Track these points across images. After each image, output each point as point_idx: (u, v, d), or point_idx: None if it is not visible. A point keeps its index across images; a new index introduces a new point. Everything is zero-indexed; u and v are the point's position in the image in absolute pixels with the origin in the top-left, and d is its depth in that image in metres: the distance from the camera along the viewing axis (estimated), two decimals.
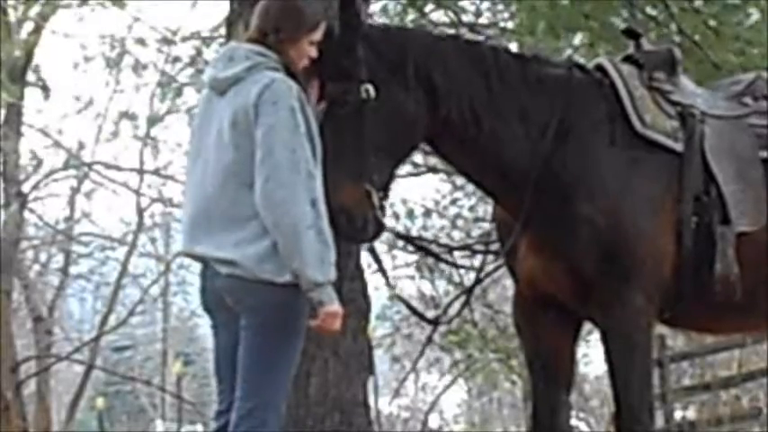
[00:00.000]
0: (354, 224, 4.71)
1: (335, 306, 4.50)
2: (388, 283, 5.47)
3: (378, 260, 5.23)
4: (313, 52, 4.68)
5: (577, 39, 9.93)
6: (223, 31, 8.74)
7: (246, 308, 4.53)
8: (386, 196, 4.83)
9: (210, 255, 4.59)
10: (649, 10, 9.35)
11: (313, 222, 4.42)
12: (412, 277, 16.69)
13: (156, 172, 19.81)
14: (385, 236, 5.39)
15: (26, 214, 18.86)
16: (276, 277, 4.46)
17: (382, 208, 4.77)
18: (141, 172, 20.18)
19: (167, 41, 15.47)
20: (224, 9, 7.40)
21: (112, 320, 22.26)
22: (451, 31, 9.13)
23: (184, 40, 15.19)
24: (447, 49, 4.98)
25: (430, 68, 4.87)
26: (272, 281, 4.47)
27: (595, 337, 5.76)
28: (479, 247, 5.72)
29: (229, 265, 4.53)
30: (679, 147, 5.10)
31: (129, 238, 21.80)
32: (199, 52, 14.71)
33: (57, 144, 19.26)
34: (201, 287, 4.72)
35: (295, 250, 4.41)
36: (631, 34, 5.40)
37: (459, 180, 14.65)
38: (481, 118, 4.94)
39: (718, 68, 8.51)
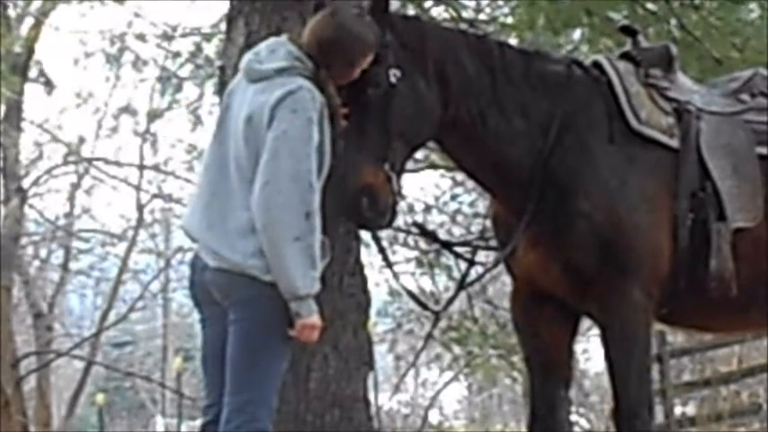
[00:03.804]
0: (378, 207, 4.69)
1: (313, 319, 4.47)
2: (391, 269, 5.46)
3: (382, 249, 5.22)
4: (357, 74, 4.67)
5: (577, 34, 9.92)
6: (223, 27, 8.74)
7: (234, 302, 4.52)
8: (400, 184, 4.84)
9: (206, 242, 4.59)
10: (650, 5, 9.34)
11: (303, 234, 4.40)
12: (412, 273, 16.68)
13: (156, 168, 19.82)
14: (385, 232, 5.39)
15: (26, 210, 18.86)
16: (262, 275, 4.46)
17: (400, 194, 4.79)
18: (141, 168, 20.19)
19: (167, 37, 15.47)
20: (224, 5, 7.40)
21: (112, 316, 22.27)
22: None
23: (184, 35, 15.19)
24: (459, 44, 5.00)
25: (444, 63, 4.90)
26: (258, 277, 4.46)
27: (595, 332, 5.77)
28: (482, 243, 5.72)
29: (217, 257, 4.53)
30: (675, 143, 5.11)
31: (130, 233, 21.82)
32: (199, 48, 14.71)
33: (56, 139, 19.27)
34: (191, 280, 4.72)
35: (279, 258, 4.40)
36: (629, 31, 5.41)
37: (459, 176, 14.66)
38: (486, 116, 4.96)
39: (720, 64, 8.50)
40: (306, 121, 4.45)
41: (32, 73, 17.38)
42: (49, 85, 17.62)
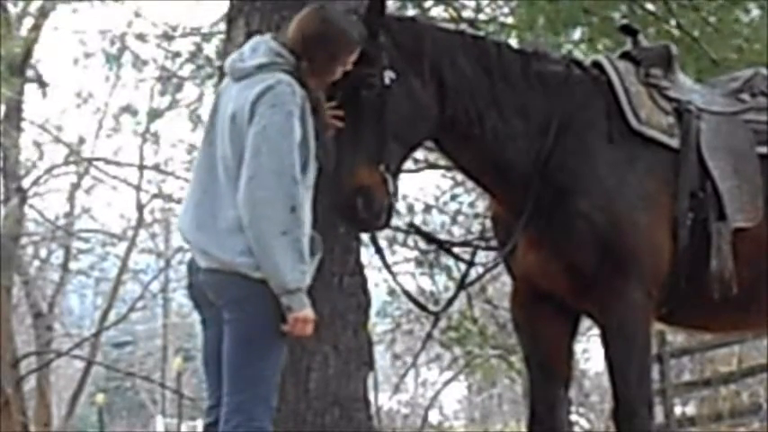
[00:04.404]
0: (372, 208, 4.71)
1: (305, 312, 4.49)
2: (389, 271, 5.45)
3: (379, 249, 5.22)
4: (342, 72, 4.68)
5: (577, 34, 9.92)
6: (223, 26, 8.74)
7: (227, 302, 4.54)
8: (396, 185, 4.84)
9: (196, 242, 4.61)
10: (649, 5, 9.35)
11: (289, 228, 4.42)
12: (412, 273, 16.69)
13: (157, 168, 19.82)
14: (384, 232, 5.39)
15: (26, 210, 18.86)
16: (252, 272, 4.47)
17: (396, 195, 4.79)
18: (141, 168, 20.19)
19: (167, 37, 15.46)
20: (224, 5, 7.40)
21: (112, 316, 22.26)
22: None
23: (184, 35, 15.19)
24: (455, 44, 5.00)
25: (441, 64, 4.91)
26: (248, 275, 4.47)
27: (595, 332, 5.77)
28: (479, 243, 5.72)
29: (208, 257, 4.55)
30: (675, 143, 5.11)
31: (129, 233, 21.82)
32: (199, 48, 14.70)
33: (57, 139, 19.27)
34: (188, 282, 4.74)
35: (267, 254, 4.42)
36: (629, 31, 5.41)
37: (460, 176, 14.64)
38: (484, 116, 4.97)
39: (717, 65, 8.50)
40: (285, 116, 4.47)
41: (30, 73, 17.39)
42: (43, 85, 17.62)
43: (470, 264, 5.39)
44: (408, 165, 4.99)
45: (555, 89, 5.07)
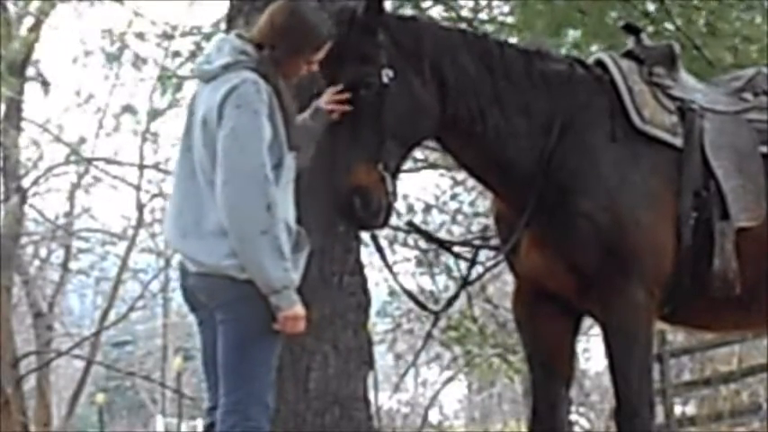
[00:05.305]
0: (370, 207, 4.70)
1: (294, 310, 4.49)
2: (390, 270, 5.44)
3: (379, 248, 5.22)
4: (312, 68, 4.68)
5: (571, 35, 9.90)
6: (223, 26, 8.74)
7: (218, 304, 4.55)
8: (394, 184, 4.83)
9: (182, 250, 4.62)
10: (648, 6, 9.33)
11: (268, 227, 4.42)
12: (412, 273, 16.70)
13: (156, 167, 19.82)
14: (385, 231, 5.38)
15: (26, 209, 18.86)
16: (239, 274, 4.48)
17: (394, 194, 4.78)
18: (141, 167, 20.19)
19: (167, 36, 15.46)
20: (224, 5, 7.40)
21: (112, 316, 22.26)
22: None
23: (184, 35, 15.18)
24: (456, 43, 5.00)
25: (442, 63, 4.91)
26: (236, 277, 4.48)
27: (596, 332, 5.77)
28: (479, 242, 5.71)
29: (196, 263, 4.56)
30: (678, 142, 5.10)
31: (129, 233, 21.82)
32: (199, 47, 14.69)
33: (57, 139, 19.27)
34: (181, 285, 4.75)
35: (249, 254, 4.43)
36: (631, 29, 5.41)
37: (460, 175, 14.67)
38: (486, 115, 4.96)
39: (713, 66, 8.49)
40: (252, 115, 4.45)
41: (30, 72, 17.39)
42: (45, 84, 17.62)
43: (473, 263, 5.39)
44: (408, 164, 4.98)
45: (558, 88, 5.07)
